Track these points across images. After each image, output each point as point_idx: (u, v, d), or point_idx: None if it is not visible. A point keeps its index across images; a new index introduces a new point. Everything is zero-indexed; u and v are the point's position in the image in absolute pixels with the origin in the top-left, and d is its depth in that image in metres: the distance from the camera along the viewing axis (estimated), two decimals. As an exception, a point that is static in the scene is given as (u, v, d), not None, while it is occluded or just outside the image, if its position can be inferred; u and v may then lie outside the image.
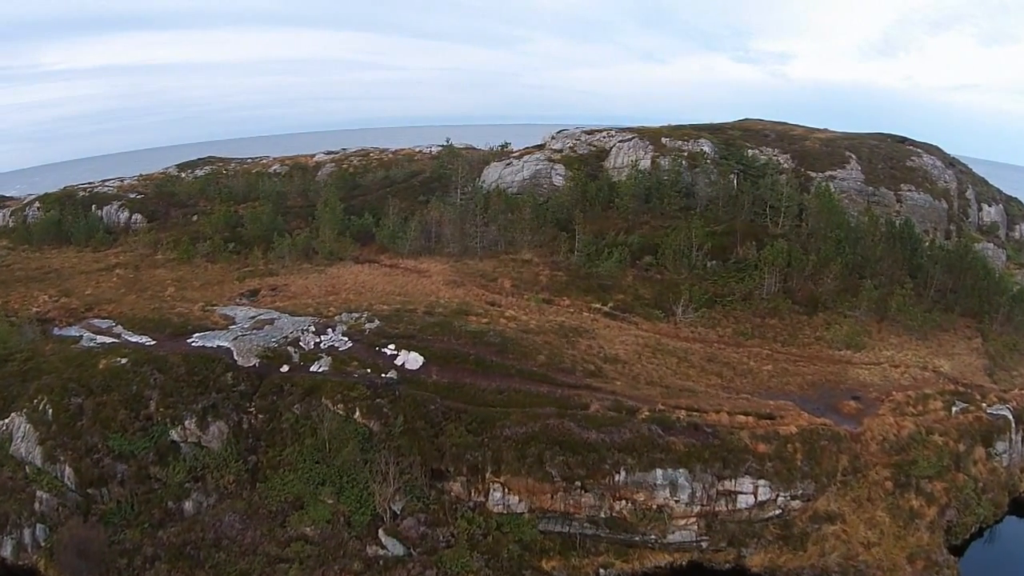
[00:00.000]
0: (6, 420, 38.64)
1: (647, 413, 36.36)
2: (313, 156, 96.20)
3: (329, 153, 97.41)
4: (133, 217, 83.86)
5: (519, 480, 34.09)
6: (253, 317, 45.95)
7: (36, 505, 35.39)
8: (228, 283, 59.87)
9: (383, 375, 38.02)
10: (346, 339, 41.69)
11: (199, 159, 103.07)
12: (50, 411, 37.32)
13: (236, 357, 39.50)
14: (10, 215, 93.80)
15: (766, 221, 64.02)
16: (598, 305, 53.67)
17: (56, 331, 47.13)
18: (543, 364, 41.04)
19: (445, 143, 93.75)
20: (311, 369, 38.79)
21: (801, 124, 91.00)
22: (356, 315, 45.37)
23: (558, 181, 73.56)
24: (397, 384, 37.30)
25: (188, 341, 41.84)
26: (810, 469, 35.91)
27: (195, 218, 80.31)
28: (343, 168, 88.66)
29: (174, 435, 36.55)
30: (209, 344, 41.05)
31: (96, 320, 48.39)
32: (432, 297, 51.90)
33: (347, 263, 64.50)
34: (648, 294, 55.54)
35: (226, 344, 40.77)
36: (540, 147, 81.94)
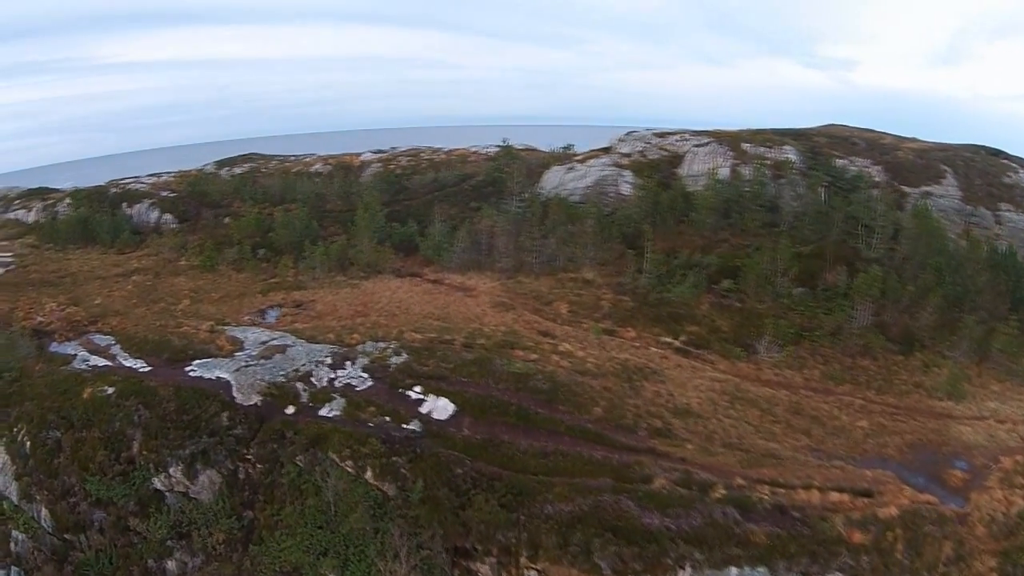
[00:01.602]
0: None
1: (723, 491, 31.98)
2: (359, 155, 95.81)
3: (377, 152, 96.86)
4: (163, 217, 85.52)
5: (560, 570, 30.21)
6: (264, 343, 44.25)
7: (12, 545, 35.31)
8: (249, 296, 58.96)
9: (404, 426, 35.07)
10: (366, 376, 39.18)
11: (239, 156, 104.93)
12: (28, 444, 36.77)
13: (236, 393, 37.62)
14: (41, 210, 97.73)
15: (859, 243, 60.29)
16: (668, 339, 49.79)
17: (53, 347, 47.01)
18: (599, 419, 37.20)
19: (502, 143, 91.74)
20: (320, 412, 36.33)
21: (888, 132, 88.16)
22: (383, 345, 42.93)
23: (626, 189, 70.78)
24: (419, 438, 34.27)
25: (186, 369, 40.42)
26: (911, 562, 31.09)
27: (226, 220, 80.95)
28: (389, 169, 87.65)
29: (158, 483, 34.94)
30: (207, 375, 39.43)
31: (96, 336, 48.03)
32: (475, 323, 49.23)
33: (385, 276, 63.05)
34: (726, 326, 51.52)
35: (226, 376, 39.00)
36: (606, 150, 79.69)
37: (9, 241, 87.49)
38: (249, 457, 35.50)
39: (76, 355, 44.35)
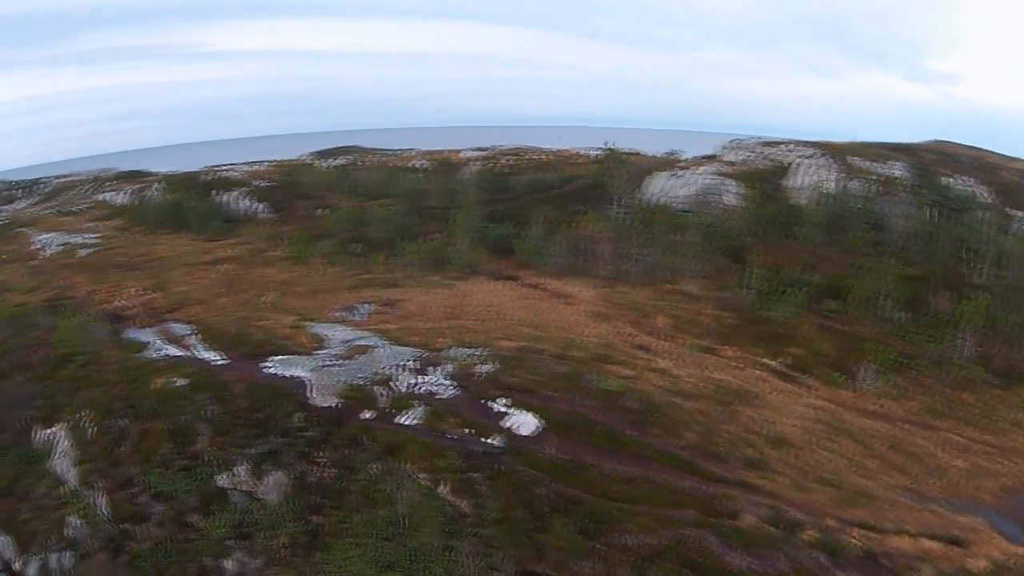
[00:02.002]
0: (52, 430, 41.01)
1: (812, 532, 30.68)
2: (461, 152, 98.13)
3: (479, 150, 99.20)
4: (256, 206, 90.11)
5: (632, 606, 29.72)
6: (347, 342, 45.21)
7: (66, 530, 36.77)
8: (339, 291, 60.77)
9: (485, 440, 34.95)
10: (450, 384, 39.35)
11: (338, 148, 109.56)
12: (92, 430, 38.91)
13: (312, 393, 38.52)
14: (132, 193, 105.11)
15: (965, 267, 60.80)
16: (768, 360, 49.65)
17: (129, 333, 49.92)
18: (691, 445, 36.28)
19: (607, 146, 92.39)
20: (399, 420, 36.63)
21: (993, 151, 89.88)
22: (471, 351, 42.98)
23: (731, 199, 72.23)
24: (500, 455, 34.14)
25: (263, 365, 41.70)
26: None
27: (321, 212, 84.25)
28: (491, 167, 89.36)
29: (222, 480, 36.08)
30: (284, 372, 40.42)
31: (175, 324, 50.47)
32: (570, 333, 49.35)
33: (481, 278, 63.93)
34: (828, 349, 51.17)
35: (304, 375, 39.93)
36: (712, 158, 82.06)
37: (96, 223, 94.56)
38: (321, 461, 36.17)
39: (151, 343, 46.69)
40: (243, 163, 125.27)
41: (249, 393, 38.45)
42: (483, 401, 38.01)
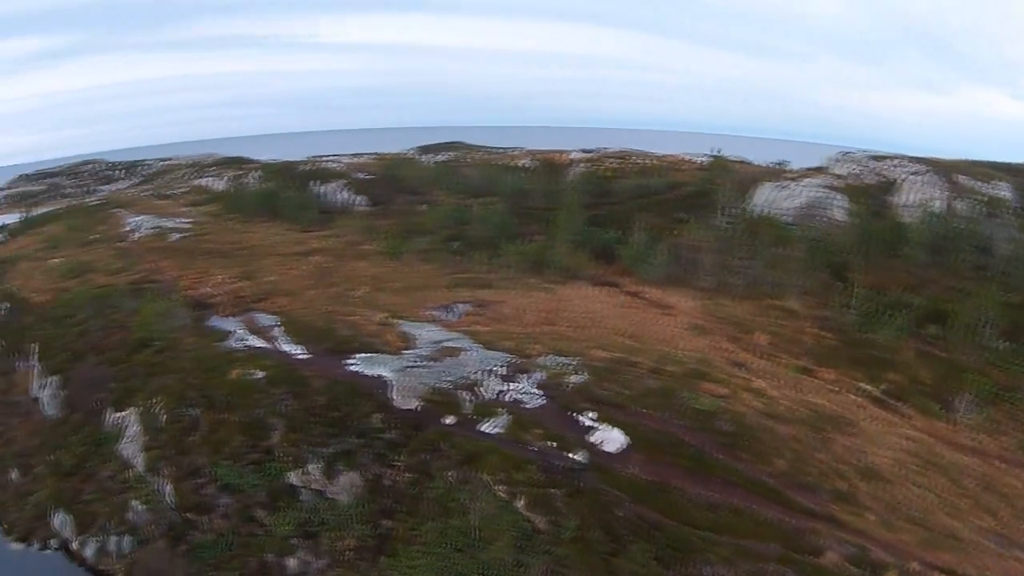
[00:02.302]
0: (123, 414, 43.29)
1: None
2: (567, 153, 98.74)
3: (585, 151, 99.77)
4: (355, 198, 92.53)
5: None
6: (438, 343, 45.68)
7: (129, 514, 39.07)
8: (433, 290, 61.56)
9: (568, 454, 34.73)
10: (538, 393, 39.23)
11: (443, 143, 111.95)
12: (163, 417, 40.71)
13: (394, 394, 39.02)
14: (231, 180, 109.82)
15: None
16: (866, 385, 48.69)
17: (212, 321, 51.78)
18: (781, 473, 35.37)
19: (715, 152, 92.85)
20: (481, 428, 36.68)
21: None
22: (563, 360, 42.76)
23: (838, 214, 72.82)
24: (582, 471, 33.84)
25: (346, 362, 42.57)
26: None
27: (421, 208, 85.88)
28: (596, 170, 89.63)
29: (293, 478, 36.96)
30: (367, 371, 41.06)
31: (260, 315, 52.11)
32: (667, 346, 49.02)
33: (581, 283, 64.18)
34: (928, 377, 49.86)
35: (387, 375, 40.44)
36: (820, 170, 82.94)
37: (191, 207, 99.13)
38: (397, 464, 36.77)
39: (234, 332, 48.24)
40: (345, 155, 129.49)
41: (328, 390, 39.28)
42: (570, 413, 37.78)
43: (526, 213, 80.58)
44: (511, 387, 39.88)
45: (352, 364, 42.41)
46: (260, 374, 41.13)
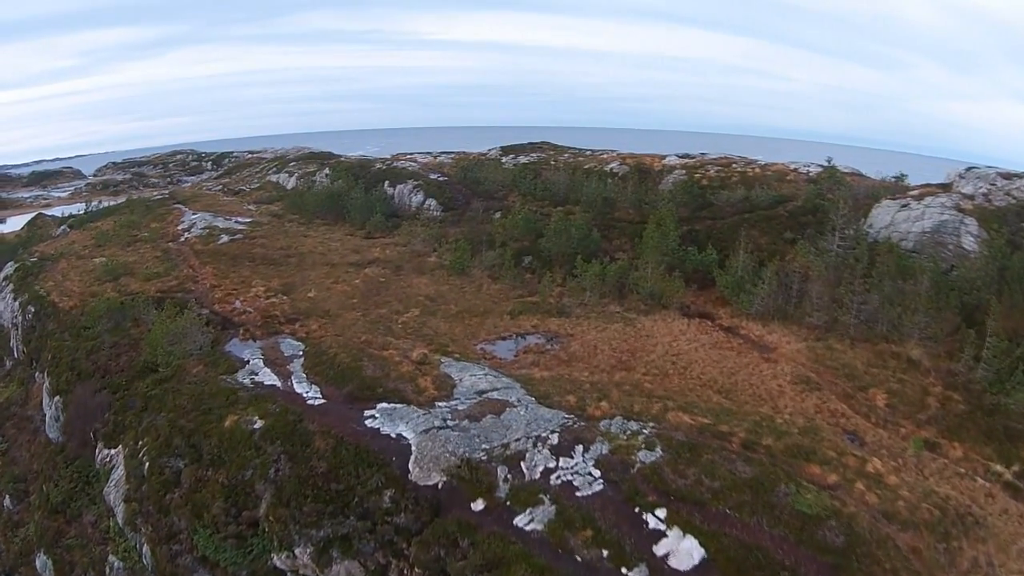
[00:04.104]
0: (112, 451, 38.91)
1: None
2: (663, 158, 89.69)
3: (682, 157, 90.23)
4: (427, 202, 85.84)
5: None
6: (480, 393, 37.84)
7: (107, 570, 36.23)
8: (494, 316, 54.33)
9: (624, 571, 26.30)
10: (597, 475, 30.74)
11: (528, 143, 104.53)
12: (146, 465, 35.04)
13: (413, 465, 31.34)
14: (301, 177, 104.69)
15: None
16: (998, 466, 39.33)
17: (230, 345, 45.62)
18: None
19: (826, 163, 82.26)
20: (516, 521, 28.53)
21: None
22: (634, 427, 34.23)
23: (968, 243, 60.66)
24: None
25: (365, 413, 35.35)
26: None
27: (497, 216, 78.56)
28: (694, 178, 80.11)
29: (279, 560, 30.13)
30: (386, 428, 33.59)
31: (286, 340, 45.72)
32: (766, 406, 40.71)
33: (670, 314, 56.20)
34: None
35: (409, 436, 32.90)
36: (945, 188, 69.95)
37: (256, 206, 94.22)
38: (406, 554, 29.42)
39: (249, 362, 41.79)
40: (425, 153, 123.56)
41: (332, 454, 31.93)
42: (635, 509, 29.21)
43: (611, 225, 72.42)
44: (563, 464, 31.57)
45: (371, 417, 35.02)
46: (258, 423, 34.32)
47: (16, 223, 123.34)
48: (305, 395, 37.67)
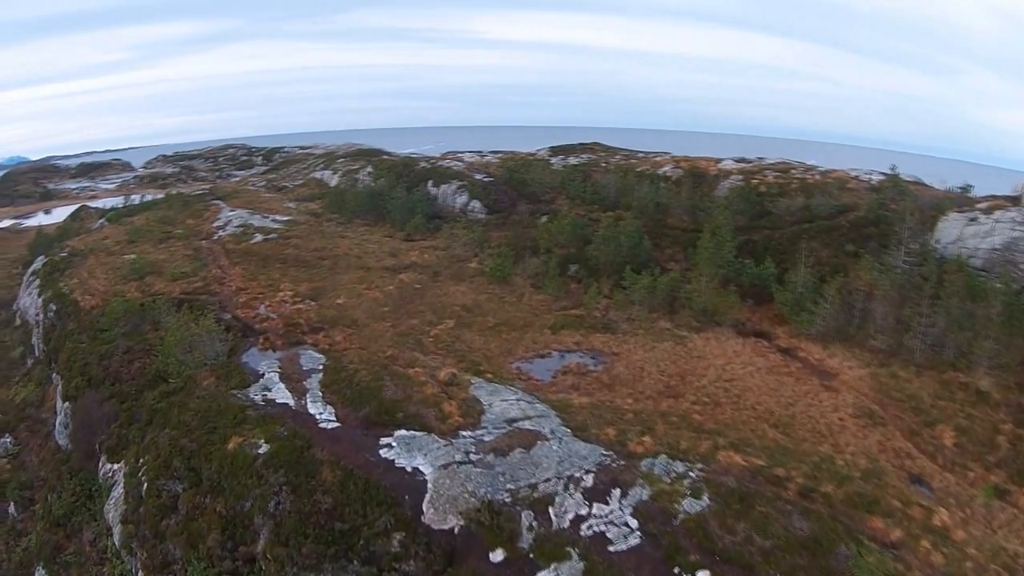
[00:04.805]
0: (114, 467, 37.07)
1: None
2: (718, 162, 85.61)
3: (739, 161, 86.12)
4: (471, 204, 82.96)
5: None
6: (511, 421, 34.58)
7: None
8: (533, 330, 51.26)
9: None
10: (634, 526, 27.25)
11: (578, 144, 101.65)
12: (145, 486, 32.82)
13: (427, 505, 28.28)
14: (345, 175, 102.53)
15: None
16: None
17: (248, 355, 43.14)
18: None
19: (890, 171, 78.30)
20: (538, 577, 25.67)
21: None
22: (679, 469, 30.79)
23: None
24: None
25: (380, 440, 32.36)
26: None
27: (543, 220, 75.30)
28: (751, 184, 75.93)
29: (273, 603, 27.50)
30: (402, 460, 30.62)
31: (307, 352, 43.13)
32: (826, 444, 37.58)
33: (724, 332, 52.95)
34: None
35: (426, 470, 29.89)
36: (1014, 200, 65.85)
37: (296, 204, 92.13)
38: (413, 605, 26.38)
39: (264, 375, 39.21)
40: (476, 151, 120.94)
41: (340, 488, 29.02)
42: (675, 569, 25.65)
43: (663, 233, 68.89)
44: (596, 511, 28.23)
45: (387, 446, 32.05)
46: (263, 447, 31.60)
47: (61, 214, 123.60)
48: (318, 416, 34.88)
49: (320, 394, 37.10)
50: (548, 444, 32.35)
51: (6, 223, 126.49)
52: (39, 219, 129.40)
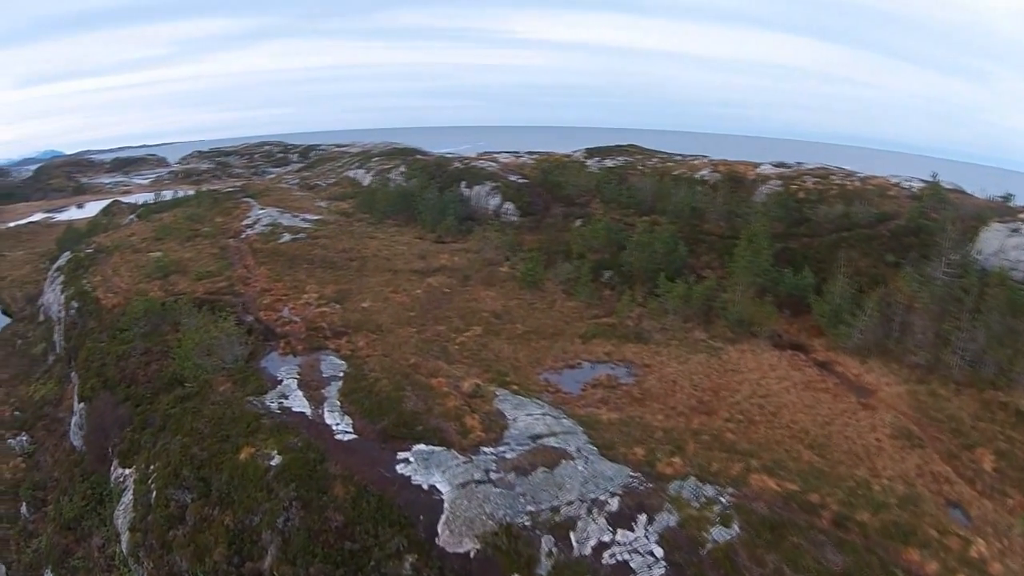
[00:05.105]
0: (126, 472, 36.19)
1: None
2: (756, 166, 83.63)
3: (777, 166, 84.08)
4: (504, 206, 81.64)
5: None
6: (534, 438, 33.09)
7: None
8: (564, 339, 49.79)
9: None
10: (659, 555, 25.56)
11: (615, 146, 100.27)
12: (154, 494, 31.96)
13: (442, 527, 26.95)
14: (377, 174, 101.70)
15: None
16: None
17: (267, 360, 42.15)
18: None
19: (931, 178, 76.02)
20: (558, 611, 24.16)
21: None
22: (710, 492, 29.17)
23: None
24: None
25: (397, 454, 31.10)
26: None
27: (578, 223, 73.80)
28: (790, 190, 74.02)
29: (279, 624, 26.35)
30: (419, 477, 29.33)
31: (328, 357, 42.09)
32: (863, 467, 35.64)
33: (760, 343, 51.22)
34: None
35: (443, 489, 28.52)
36: None
37: (327, 203, 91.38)
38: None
39: (281, 382, 38.14)
40: (513, 152, 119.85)
41: (352, 505, 27.79)
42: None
43: (699, 239, 67.02)
44: (620, 538, 26.70)
45: (405, 461, 30.72)
46: (275, 458, 30.50)
47: (94, 208, 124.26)
48: (335, 427, 33.67)
49: (338, 403, 35.93)
50: (573, 463, 30.87)
51: (38, 217, 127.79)
52: (71, 213, 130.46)
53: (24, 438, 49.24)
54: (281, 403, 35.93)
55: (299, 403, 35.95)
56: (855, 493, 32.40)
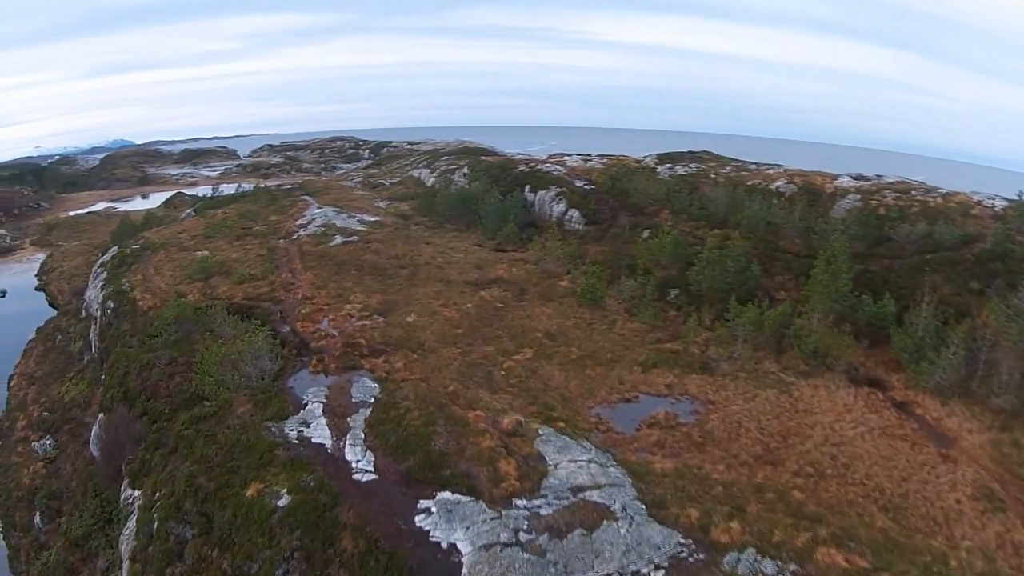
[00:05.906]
0: (135, 494, 34.38)
1: None
2: (834, 178, 78.39)
3: (856, 178, 78.49)
4: (568, 213, 78.34)
5: None
6: (578, 491, 29.63)
7: None
8: (623, 367, 46.15)
9: None
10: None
11: (687, 152, 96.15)
12: (155, 524, 29.76)
13: (459, 594, 23.99)
14: (441, 175, 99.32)
15: None
16: None
17: (296, 378, 39.67)
18: None
19: (1017, 197, 68.51)
20: None
21: None
22: (769, 569, 25.36)
23: None
24: None
25: (419, 502, 28.10)
26: None
27: (645, 235, 70.00)
28: (870, 205, 68.77)
29: None
30: (439, 533, 26.19)
31: (361, 378, 39.36)
32: (940, 535, 31.26)
33: (835, 378, 46.46)
34: None
35: (464, 550, 25.30)
36: None
37: (386, 203, 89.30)
38: None
39: (305, 406, 35.63)
40: (583, 154, 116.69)
41: (359, 561, 24.88)
42: None
43: (774, 257, 62.08)
44: (661, 627, 23.25)
45: (426, 511, 27.65)
46: (284, 498, 27.81)
47: (157, 199, 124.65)
48: (354, 465, 30.82)
49: (362, 435, 33.03)
50: (615, 525, 27.38)
51: (100, 206, 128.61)
52: (135, 204, 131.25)
53: (48, 442, 47.99)
54: (301, 432, 33.25)
55: (320, 433, 33.23)
56: (930, 570, 28.33)
